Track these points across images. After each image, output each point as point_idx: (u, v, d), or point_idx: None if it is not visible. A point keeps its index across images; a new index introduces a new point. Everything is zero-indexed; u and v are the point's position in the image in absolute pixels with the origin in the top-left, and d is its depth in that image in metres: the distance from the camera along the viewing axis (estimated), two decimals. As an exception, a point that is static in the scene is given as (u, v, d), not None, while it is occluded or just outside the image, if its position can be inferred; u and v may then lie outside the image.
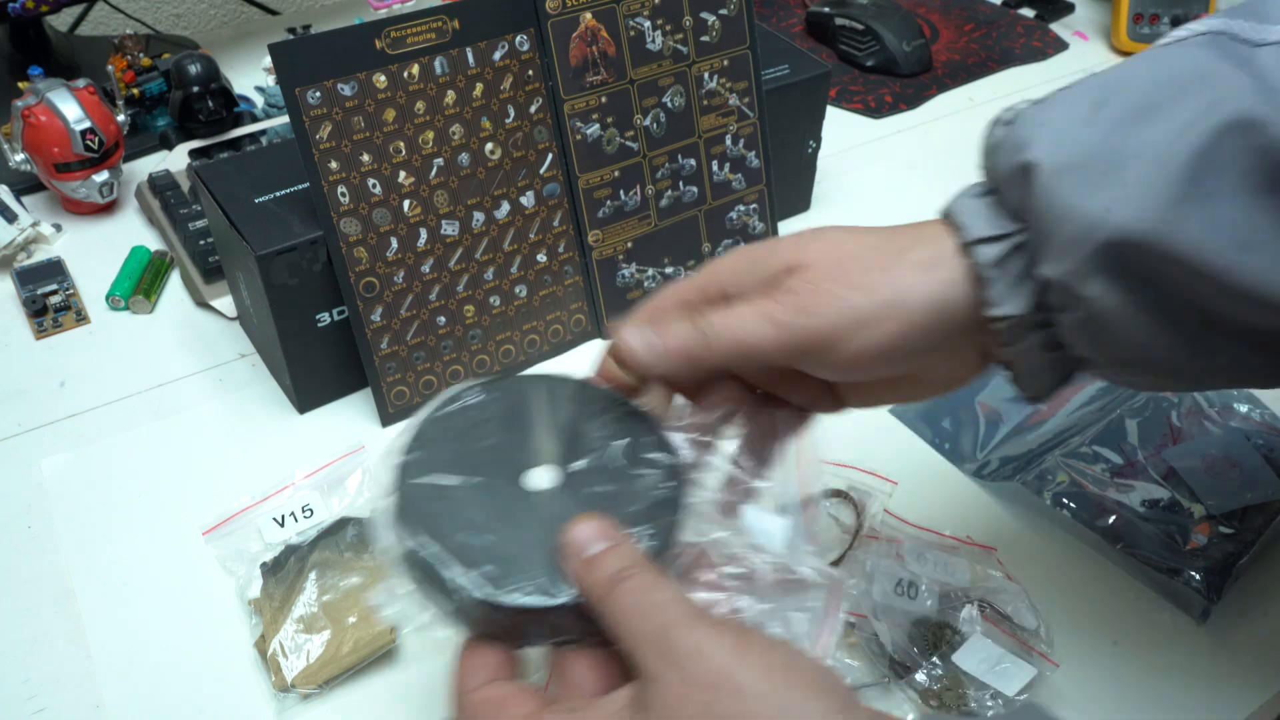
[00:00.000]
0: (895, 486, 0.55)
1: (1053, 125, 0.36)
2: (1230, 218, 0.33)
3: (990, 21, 1.07)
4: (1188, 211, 0.33)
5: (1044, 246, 0.36)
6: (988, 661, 0.47)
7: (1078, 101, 0.36)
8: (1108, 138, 0.35)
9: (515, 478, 0.39)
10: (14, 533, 0.55)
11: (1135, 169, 0.34)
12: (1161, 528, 0.53)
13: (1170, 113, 0.34)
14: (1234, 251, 0.33)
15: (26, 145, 0.73)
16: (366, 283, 0.57)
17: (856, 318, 0.37)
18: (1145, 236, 0.33)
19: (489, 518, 0.37)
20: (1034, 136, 0.36)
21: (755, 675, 0.31)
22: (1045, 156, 0.35)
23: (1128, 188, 0.34)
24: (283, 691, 0.46)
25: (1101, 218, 0.34)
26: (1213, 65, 0.34)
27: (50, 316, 0.68)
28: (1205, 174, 0.33)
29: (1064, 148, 0.35)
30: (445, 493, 0.38)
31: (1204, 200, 0.33)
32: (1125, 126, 0.35)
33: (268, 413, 0.62)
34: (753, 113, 0.68)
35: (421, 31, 0.56)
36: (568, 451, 0.39)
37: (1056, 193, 0.35)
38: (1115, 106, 0.35)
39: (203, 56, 0.80)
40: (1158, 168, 0.33)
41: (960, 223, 0.37)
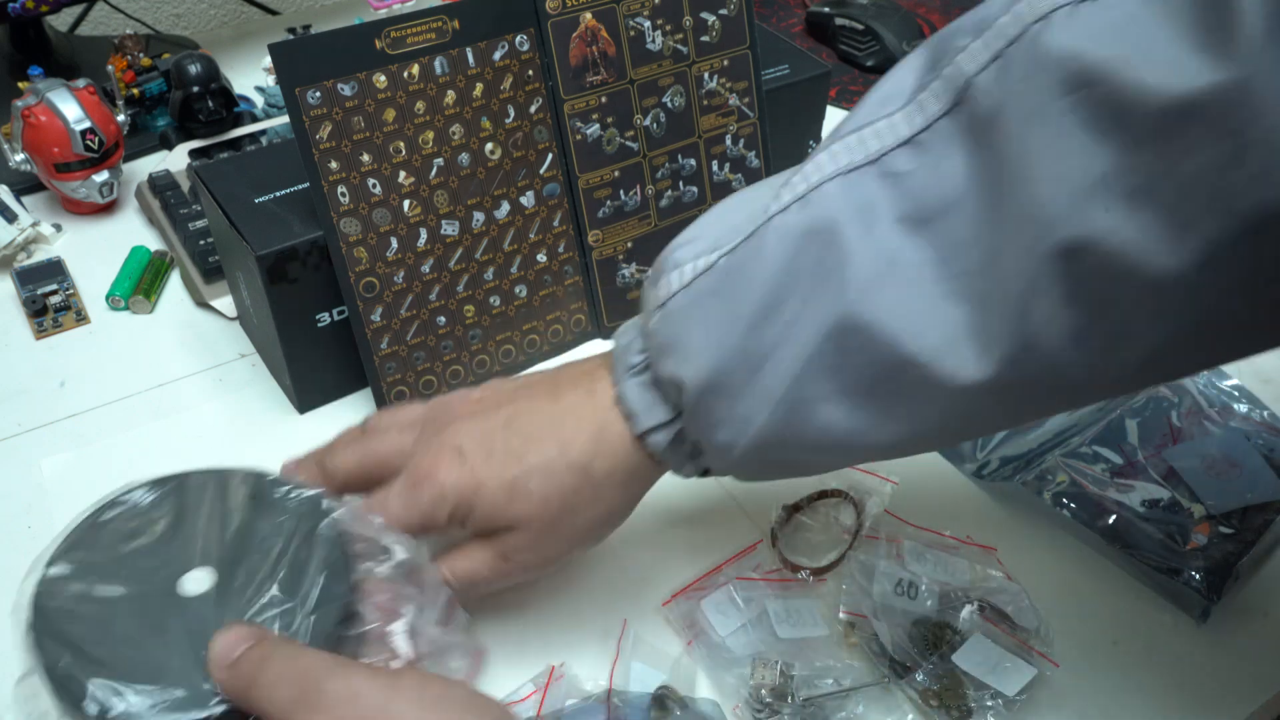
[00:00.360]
0: (895, 486, 0.55)
1: (694, 334, 0.40)
2: (843, 414, 0.38)
3: (990, 21, 1.06)
4: (808, 412, 0.39)
5: (699, 447, 0.43)
6: (988, 661, 0.47)
7: (712, 302, 0.40)
8: (737, 348, 0.39)
9: (172, 584, 0.38)
10: (14, 533, 0.55)
11: (761, 380, 0.39)
12: (1161, 528, 0.53)
13: (787, 317, 0.38)
14: (847, 436, 0.39)
15: (26, 145, 0.73)
16: (366, 283, 0.57)
17: (579, 547, 0.47)
18: (777, 437, 0.40)
19: (139, 630, 0.36)
20: (678, 346, 0.41)
21: (410, 707, 0.33)
22: (689, 377, 0.40)
23: (756, 399, 0.39)
24: None
25: (740, 431, 0.40)
26: (826, 242, 0.37)
27: (50, 316, 0.68)
28: (813, 382, 0.38)
29: (703, 366, 0.40)
30: (93, 605, 0.37)
31: (819, 402, 0.38)
32: (751, 333, 0.39)
33: (268, 413, 0.62)
34: (753, 113, 0.68)
35: (421, 31, 0.56)
36: (230, 550, 0.39)
37: (700, 412, 0.41)
38: (743, 310, 0.39)
39: (203, 56, 0.80)
40: (778, 380, 0.39)
41: (631, 410, 0.43)
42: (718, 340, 0.39)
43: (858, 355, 0.37)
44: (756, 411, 0.39)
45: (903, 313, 0.36)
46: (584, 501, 0.44)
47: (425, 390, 0.61)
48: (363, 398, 0.62)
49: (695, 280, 0.40)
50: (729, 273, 0.39)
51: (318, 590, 0.38)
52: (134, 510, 0.41)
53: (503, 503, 0.43)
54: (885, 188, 0.36)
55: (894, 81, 0.38)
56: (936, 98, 0.36)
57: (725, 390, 0.40)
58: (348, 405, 0.62)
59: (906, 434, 0.39)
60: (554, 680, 0.46)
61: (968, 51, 0.35)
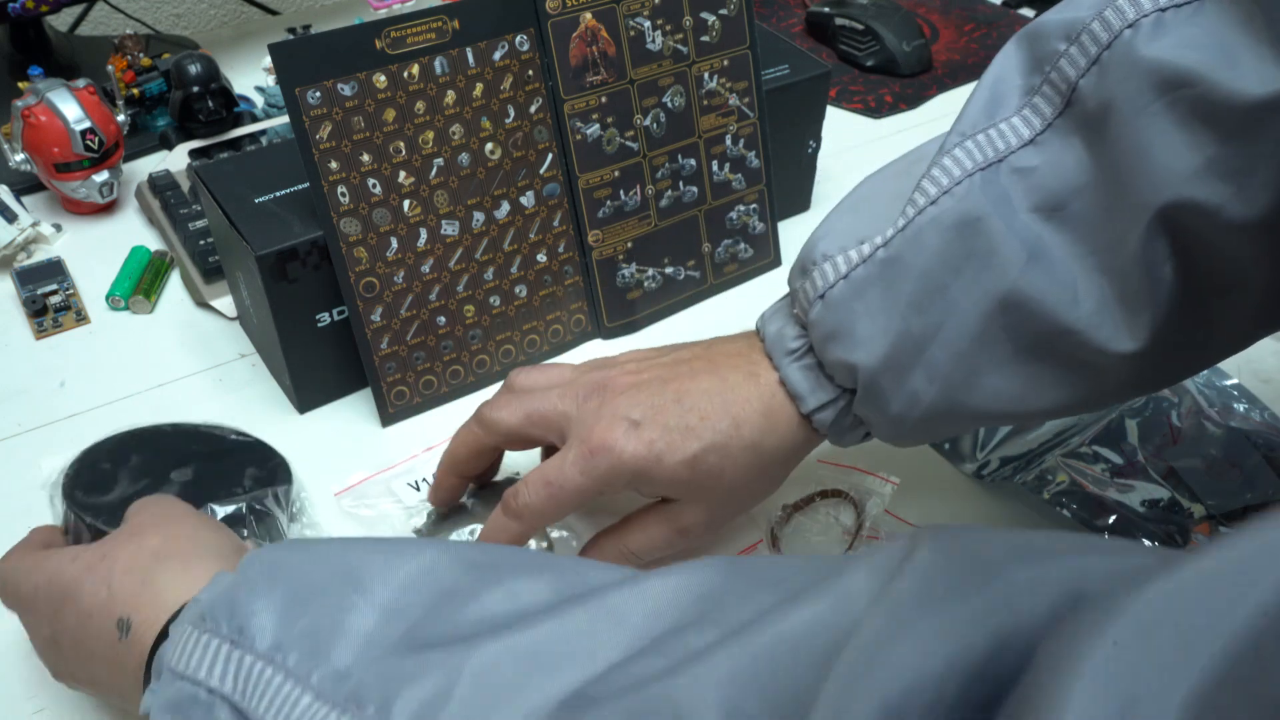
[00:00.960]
0: (895, 487, 0.55)
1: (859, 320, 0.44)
2: (1009, 380, 0.42)
3: (990, 21, 1.07)
4: (976, 382, 0.43)
5: (869, 423, 0.47)
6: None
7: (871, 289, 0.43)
8: (905, 330, 0.43)
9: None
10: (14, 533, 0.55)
11: (931, 354, 0.43)
12: (1161, 528, 0.53)
13: (951, 298, 0.42)
14: (1013, 403, 0.43)
15: (26, 145, 0.73)
16: (366, 283, 0.57)
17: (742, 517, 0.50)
18: (946, 409, 0.44)
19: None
20: (847, 336, 0.44)
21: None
22: (861, 360, 0.44)
23: (926, 375, 0.43)
24: None
25: (911, 404, 0.44)
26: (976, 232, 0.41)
27: (50, 316, 0.68)
28: (986, 351, 0.42)
29: (874, 349, 0.43)
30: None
31: (987, 373, 0.42)
32: (917, 315, 0.43)
33: (268, 413, 0.62)
34: (753, 113, 0.68)
35: (421, 31, 0.56)
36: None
37: (874, 392, 0.44)
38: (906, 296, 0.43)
39: (203, 56, 0.80)
40: (948, 354, 0.42)
41: (796, 393, 0.46)
42: (884, 325, 0.43)
43: (1019, 329, 0.41)
44: (926, 386, 0.43)
45: (1055, 288, 0.40)
46: (755, 477, 0.47)
47: (425, 390, 0.61)
48: (363, 398, 0.62)
49: (853, 271, 0.44)
50: (888, 263, 0.43)
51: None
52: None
53: (684, 477, 0.45)
54: (1016, 182, 0.41)
55: (998, 83, 0.42)
56: (1048, 101, 0.41)
57: (895, 370, 0.43)
58: (348, 405, 0.62)
59: (1065, 398, 0.43)
60: None
61: (1067, 57, 0.40)
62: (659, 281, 0.68)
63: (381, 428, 0.61)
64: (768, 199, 0.71)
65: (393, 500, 0.56)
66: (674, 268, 0.68)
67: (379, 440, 0.60)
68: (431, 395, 0.61)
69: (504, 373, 0.64)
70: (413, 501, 0.55)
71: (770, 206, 0.71)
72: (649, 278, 0.67)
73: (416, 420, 0.61)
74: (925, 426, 0.45)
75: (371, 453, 0.59)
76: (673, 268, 0.68)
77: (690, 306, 0.70)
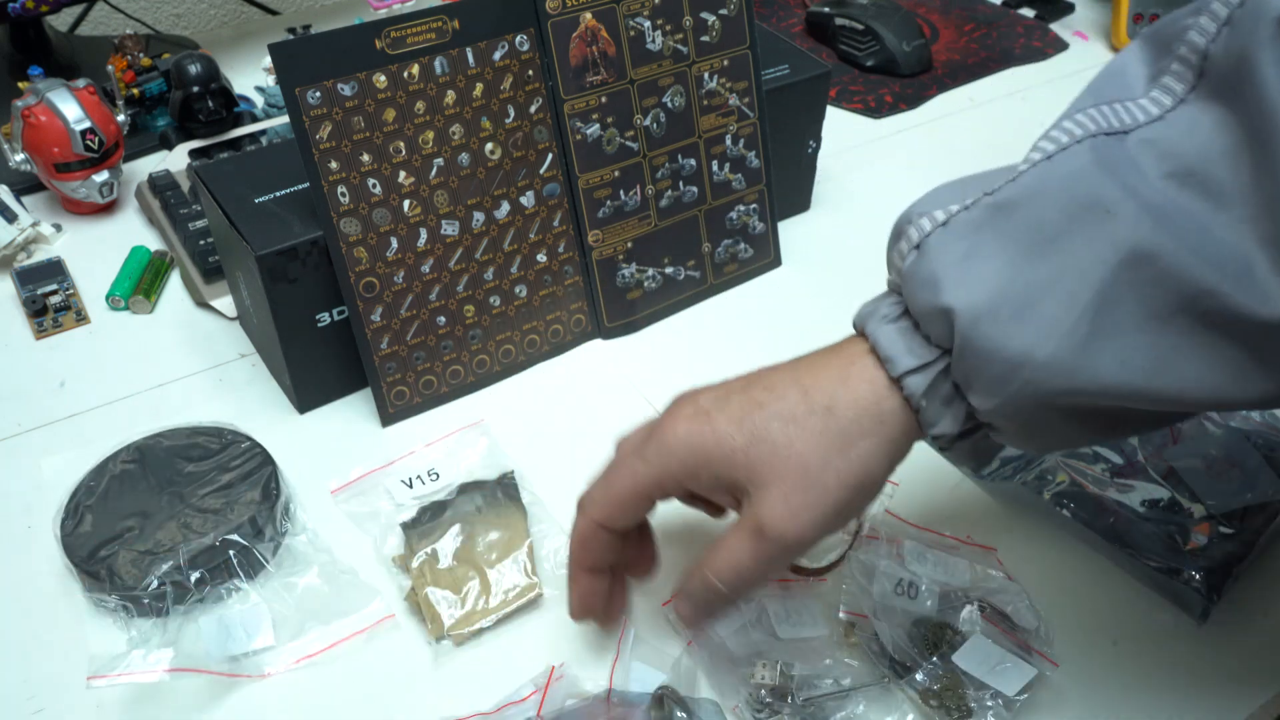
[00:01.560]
0: (895, 487, 0.55)
1: (960, 264, 0.38)
2: (1138, 345, 0.36)
3: (990, 21, 1.07)
4: (1099, 345, 0.36)
5: (969, 382, 0.39)
6: (988, 661, 0.47)
7: (979, 233, 0.38)
8: (1015, 276, 0.37)
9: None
10: (14, 533, 0.55)
11: (1044, 310, 0.37)
12: (1161, 528, 0.53)
13: (1070, 246, 0.37)
14: (1144, 375, 0.36)
15: (26, 145, 0.73)
16: (366, 283, 0.57)
17: (837, 513, 0.41)
18: (1063, 373, 0.37)
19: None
20: (946, 277, 0.38)
21: None
22: (959, 303, 0.37)
23: (1041, 328, 0.37)
24: (438, 640, 0.49)
25: (1020, 361, 0.37)
26: (1100, 186, 0.36)
27: (50, 316, 0.68)
28: (1111, 309, 0.36)
29: (977, 292, 0.37)
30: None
31: (1113, 334, 0.36)
32: (1029, 262, 0.37)
33: (268, 413, 0.62)
34: (753, 113, 0.68)
35: (421, 31, 0.56)
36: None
37: (975, 339, 0.37)
38: (1015, 241, 0.37)
39: (203, 56, 0.80)
40: (1065, 309, 0.36)
41: (885, 355, 0.40)
42: (993, 269, 0.37)
43: (1152, 286, 0.36)
44: (1040, 343, 0.37)
45: (1192, 249, 0.35)
46: (831, 449, 0.40)
47: (425, 390, 0.61)
48: (363, 398, 0.62)
49: (953, 219, 0.39)
50: (997, 208, 0.38)
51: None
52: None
53: (741, 447, 0.40)
54: (1145, 150, 0.37)
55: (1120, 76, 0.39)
56: (1178, 79, 0.37)
57: (1003, 318, 0.37)
58: (348, 405, 0.62)
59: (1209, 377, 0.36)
60: (554, 680, 0.46)
61: (1196, 28, 0.37)
62: (659, 281, 0.68)
63: (381, 427, 0.61)
64: (768, 199, 0.71)
65: (385, 497, 0.56)
66: (674, 268, 0.68)
67: (379, 440, 0.60)
68: (431, 395, 0.61)
69: (504, 373, 0.64)
70: (404, 499, 0.55)
71: (770, 206, 0.71)
72: (649, 278, 0.67)
73: (416, 420, 0.61)
74: (1032, 398, 0.37)
75: (371, 452, 0.59)
76: (673, 268, 0.68)
77: (690, 306, 0.70)
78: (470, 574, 0.51)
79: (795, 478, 0.40)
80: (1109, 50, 1.03)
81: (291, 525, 0.54)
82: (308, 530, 0.54)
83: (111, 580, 0.49)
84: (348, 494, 0.56)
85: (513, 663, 0.48)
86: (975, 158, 0.87)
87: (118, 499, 0.53)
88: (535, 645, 0.49)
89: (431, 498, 0.55)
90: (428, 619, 0.50)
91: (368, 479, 0.57)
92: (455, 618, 0.50)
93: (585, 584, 0.46)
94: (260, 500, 0.53)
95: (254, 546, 0.51)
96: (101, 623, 0.50)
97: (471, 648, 0.50)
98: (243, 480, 0.54)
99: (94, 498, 0.53)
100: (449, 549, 0.52)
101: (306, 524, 0.54)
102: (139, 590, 0.49)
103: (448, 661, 0.49)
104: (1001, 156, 0.44)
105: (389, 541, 0.53)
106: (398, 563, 0.52)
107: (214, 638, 0.48)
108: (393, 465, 0.58)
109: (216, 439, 0.56)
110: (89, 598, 0.51)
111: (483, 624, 0.50)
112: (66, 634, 0.50)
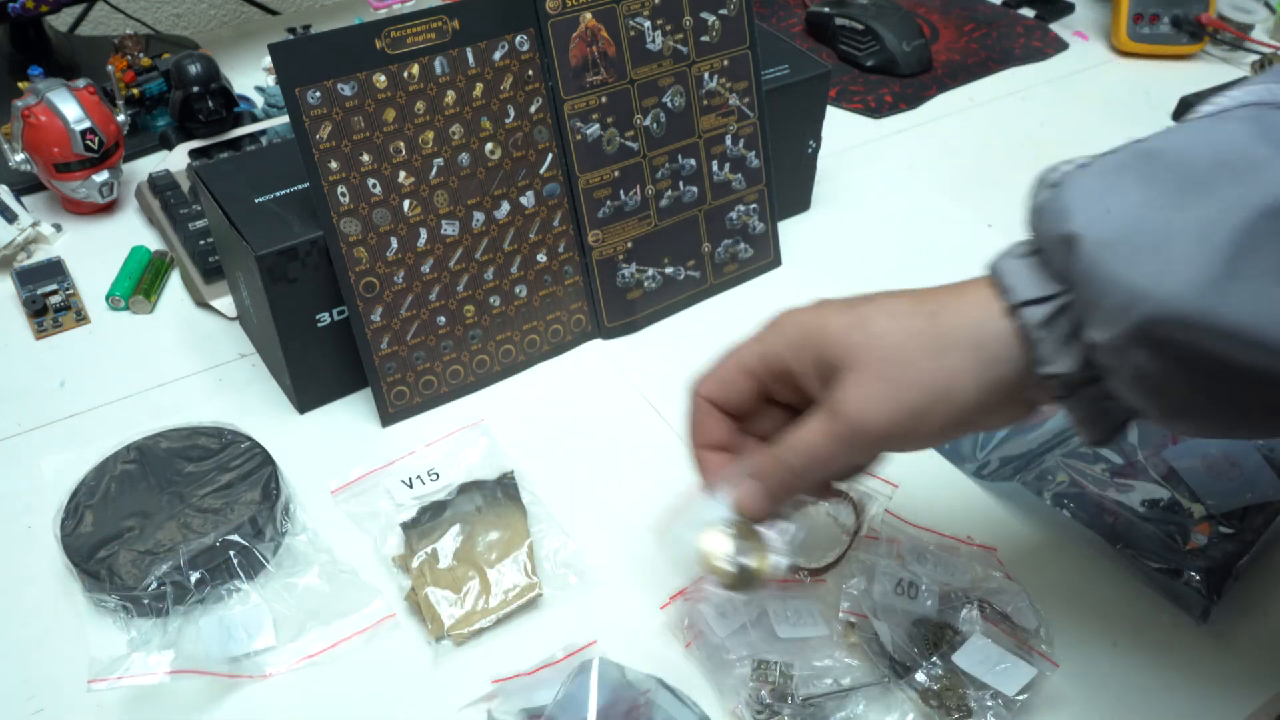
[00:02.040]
0: (895, 489, 0.55)
1: (1095, 196, 0.37)
2: (1273, 296, 0.34)
3: (990, 21, 1.07)
4: (1229, 289, 0.34)
5: (1089, 314, 0.37)
6: (988, 662, 0.47)
7: (1120, 173, 0.37)
8: (1149, 214, 0.35)
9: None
10: (14, 533, 0.55)
11: (1177, 246, 0.35)
12: (1161, 528, 0.53)
13: (1211, 193, 0.35)
14: (1277, 330, 0.34)
15: (26, 145, 0.73)
16: (366, 283, 0.57)
17: (911, 415, 0.40)
18: (1188, 312, 0.34)
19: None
20: (1077, 206, 0.37)
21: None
22: (1088, 229, 0.36)
23: (1170, 264, 0.35)
24: (438, 640, 0.49)
25: (1144, 292, 0.35)
26: (1253, 146, 0.35)
27: (50, 316, 0.68)
28: (1246, 254, 0.34)
29: (1106, 222, 0.36)
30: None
31: (1245, 279, 0.34)
32: (1167, 203, 0.35)
33: (268, 413, 0.62)
34: (753, 113, 0.68)
35: (421, 31, 0.56)
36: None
37: (1100, 266, 0.36)
38: (1157, 183, 0.36)
39: (203, 56, 0.80)
40: (1199, 247, 0.34)
41: (1006, 284, 0.39)
42: (1126, 204, 0.36)
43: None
44: (1166, 279, 0.35)
45: None
46: (922, 350, 0.40)
47: (425, 390, 0.61)
48: (363, 398, 0.62)
49: (1097, 160, 0.38)
50: (1143, 154, 0.37)
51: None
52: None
53: (843, 330, 0.41)
54: None
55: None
56: None
57: (1129, 250, 0.35)
58: (348, 405, 0.62)
59: None
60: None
61: None
62: (659, 281, 0.68)
63: (381, 427, 0.61)
64: (768, 199, 0.71)
65: (385, 497, 0.56)
66: (674, 268, 0.68)
67: (379, 440, 0.60)
68: (431, 395, 0.62)
69: (504, 373, 0.64)
70: (404, 499, 0.55)
71: (770, 206, 0.71)
72: (649, 278, 0.67)
73: (416, 420, 0.61)
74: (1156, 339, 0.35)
75: (371, 452, 0.59)
76: (673, 268, 0.68)
77: (690, 306, 0.70)
78: (470, 574, 0.51)
79: (881, 366, 0.40)
80: (1109, 50, 1.03)
81: (291, 525, 0.54)
82: (308, 530, 0.54)
83: (111, 580, 0.49)
84: (348, 494, 0.56)
85: (513, 663, 0.48)
86: (975, 158, 0.87)
87: (118, 499, 0.53)
88: (535, 645, 0.49)
89: (431, 498, 0.55)
90: (428, 619, 0.50)
91: (368, 479, 0.57)
92: (455, 618, 0.50)
93: (710, 460, 0.46)
94: (260, 500, 0.53)
95: (254, 546, 0.51)
96: (101, 623, 0.50)
97: (471, 648, 0.50)
98: (243, 480, 0.54)
99: (94, 498, 0.53)
100: (449, 549, 0.52)
101: (306, 524, 0.54)
102: (139, 590, 0.49)
103: (448, 661, 0.49)
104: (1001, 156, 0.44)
105: (389, 541, 0.53)
106: (398, 563, 0.52)
107: (215, 638, 0.48)
108: (393, 465, 0.58)
109: (216, 439, 0.56)
110: (89, 598, 0.51)
111: (483, 624, 0.50)
112: (66, 634, 0.50)
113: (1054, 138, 0.88)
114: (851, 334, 0.41)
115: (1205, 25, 1.00)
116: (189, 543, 0.51)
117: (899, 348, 0.40)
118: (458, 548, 0.52)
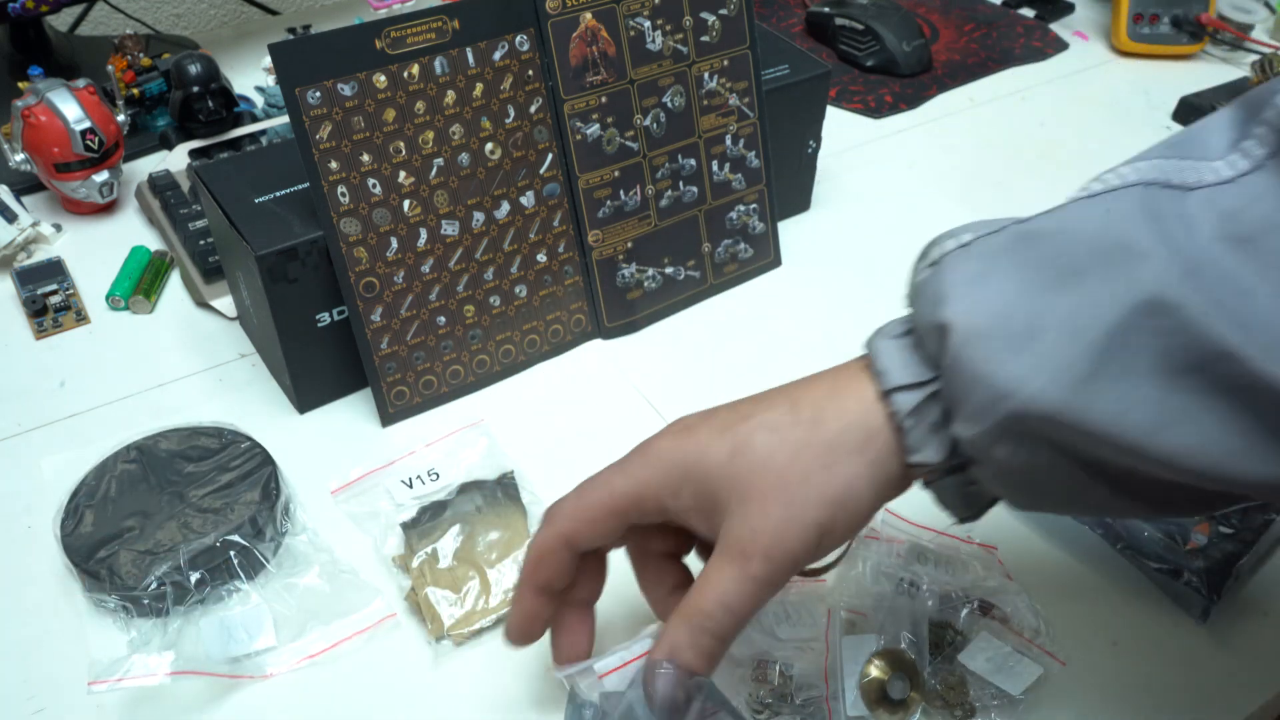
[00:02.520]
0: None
1: (970, 282, 0.36)
2: (1142, 396, 0.33)
3: (990, 21, 1.07)
4: (1099, 388, 0.34)
5: (956, 407, 0.36)
6: (994, 660, 0.47)
7: (998, 257, 0.36)
8: (1023, 303, 0.35)
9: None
10: (14, 533, 0.55)
11: (1046, 341, 0.34)
12: (1161, 528, 0.53)
13: (1087, 284, 0.34)
14: (1145, 430, 0.33)
15: (26, 145, 0.73)
16: (366, 283, 0.57)
17: (819, 530, 0.38)
18: (1054, 410, 0.34)
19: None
20: (953, 293, 0.36)
21: None
22: (959, 318, 0.35)
23: (1039, 359, 0.34)
24: (438, 640, 0.49)
25: (1010, 390, 0.34)
26: (1135, 233, 0.34)
27: (50, 316, 0.68)
28: (1117, 353, 0.34)
29: (978, 311, 0.35)
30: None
31: (1115, 378, 0.34)
32: (1041, 293, 0.35)
33: (268, 413, 0.62)
34: (753, 113, 0.68)
35: (421, 31, 0.56)
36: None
37: (967, 361, 0.35)
38: (1032, 269, 0.35)
39: (203, 56, 0.80)
40: (1070, 342, 0.34)
41: (879, 368, 0.38)
42: (999, 292, 0.35)
43: (1168, 337, 0.33)
44: (1033, 375, 0.34)
45: (1222, 308, 0.33)
46: (812, 462, 0.38)
47: (425, 390, 0.61)
48: (363, 398, 0.62)
49: (975, 242, 0.37)
50: (1022, 236, 0.37)
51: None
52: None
53: (724, 459, 0.38)
54: (1204, 211, 0.34)
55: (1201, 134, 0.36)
56: (1261, 143, 0.35)
57: (998, 343, 0.35)
58: (348, 405, 0.62)
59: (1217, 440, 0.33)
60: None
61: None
62: (659, 281, 0.68)
63: (381, 428, 0.61)
64: (768, 199, 0.71)
65: (385, 497, 0.56)
66: (674, 268, 0.68)
67: (379, 440, 0.60)
68: (431, 395, 0.62)
69: (504, 373, 0.64)
70: (404, 498, 0.55)
71: (770, 206, 0.71)
72: (649, 278, 0.67)
73: (416, 420, 0.61)
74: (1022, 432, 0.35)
75: (371, 452, 0.59)
76: (673, 268, 0.68)
77: (690, 306, 0.70)
78: (470, 574, 0.51)
79: (775, 492, 0.38)
80: (1109, 50, 1.03)
81: (292, 525, 0.54)
82: (308, 530, 0.54)
83: (111, 580, 0.49)
84: (348, 494, 0.56)
85: (512, 663, 0.48)
86: (975, 158, 0.87)
87: (118, 499, 0.53)
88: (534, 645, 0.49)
89: (431, 498, 0.55)
90: (428, 619, 0.50)
91: (368, 479, 0.57)
92: (455, 618, 0.50)
93: (531, 605, 0.43)
94: (260, 500, 0.53)
95: (254, 547, 0.51)
96: (101, 623, 0.50)
97: (471, 648, 0.50)
98: (243, 480, 0.54)
99: (94, 498, 0.53)
100: (449, 549, 0.52)
101: (307, 524, 0.54)
102: (139, 590, 0.49)
103: (448, 661, 0.49)
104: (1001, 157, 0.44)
105: (389, 541, 0.53)
106: (398, 563, 0.52)
107: (215, 639, 0.48)
108: (393, 465, 0.58)
109: (216, 439, 0.56)
110: (89, 598, 0.51)
111: (483, 624, 0.50)
112: (66, 634, 0.50)
113: (1054, 138, 0.88)
114: (735, 463, 0.39)
115: (1205, 25, 1.00)
116: (189, 543, 0.51)
117: (788, 467, 0.38)
118: (458, 548, 0.52)
